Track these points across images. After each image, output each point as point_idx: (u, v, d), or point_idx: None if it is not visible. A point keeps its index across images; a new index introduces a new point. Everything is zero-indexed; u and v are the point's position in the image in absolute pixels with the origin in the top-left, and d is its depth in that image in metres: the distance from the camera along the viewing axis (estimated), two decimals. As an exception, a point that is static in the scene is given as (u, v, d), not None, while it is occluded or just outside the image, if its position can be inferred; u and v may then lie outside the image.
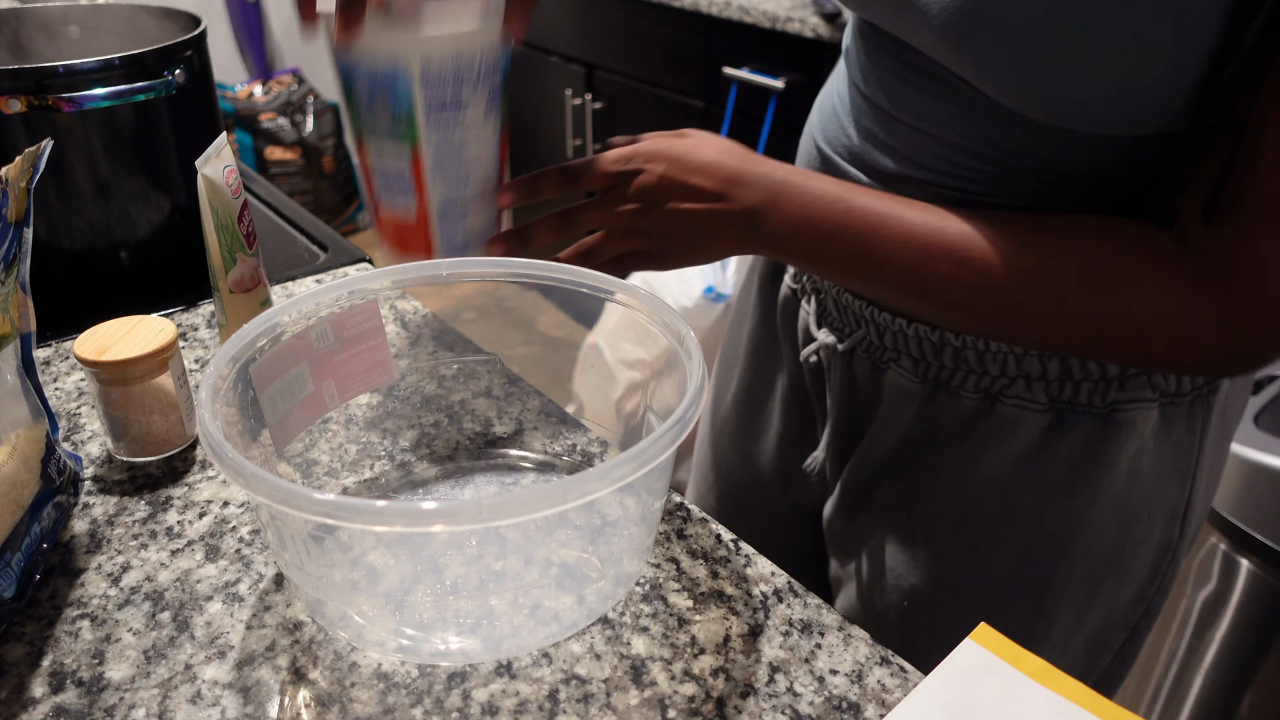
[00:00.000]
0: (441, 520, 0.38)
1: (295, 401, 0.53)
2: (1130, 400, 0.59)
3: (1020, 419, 0.60)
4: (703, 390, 0.44)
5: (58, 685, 0.44)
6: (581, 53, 2.28)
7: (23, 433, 0.49)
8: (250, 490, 0.39)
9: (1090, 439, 0.60)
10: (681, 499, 0.56)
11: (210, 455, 0.40)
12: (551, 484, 0.38)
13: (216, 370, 0.46)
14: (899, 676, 0.45)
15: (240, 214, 0.63)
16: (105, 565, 0.51)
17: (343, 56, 0.57)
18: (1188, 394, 0.60)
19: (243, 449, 0.46)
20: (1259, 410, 1.11)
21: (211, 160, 0.60)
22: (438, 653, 0.46)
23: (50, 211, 0.75)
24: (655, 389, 0.54)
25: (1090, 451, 0.60)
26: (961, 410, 0.62)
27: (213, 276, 0.63)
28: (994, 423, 0.61)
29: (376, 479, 0.58)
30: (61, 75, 0.70)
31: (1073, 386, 0.59)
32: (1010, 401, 0.60)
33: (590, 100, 2.26)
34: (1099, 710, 0.41)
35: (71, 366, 0.68)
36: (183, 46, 0.77)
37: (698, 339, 0.48)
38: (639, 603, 0.49)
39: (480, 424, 0.63)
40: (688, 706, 0.43)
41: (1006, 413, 0.60)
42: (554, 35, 2.33)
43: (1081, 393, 0.59)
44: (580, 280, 0.54)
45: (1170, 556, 0.66)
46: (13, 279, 0.48)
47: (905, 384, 0.64)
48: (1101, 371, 0.58)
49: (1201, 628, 1.13)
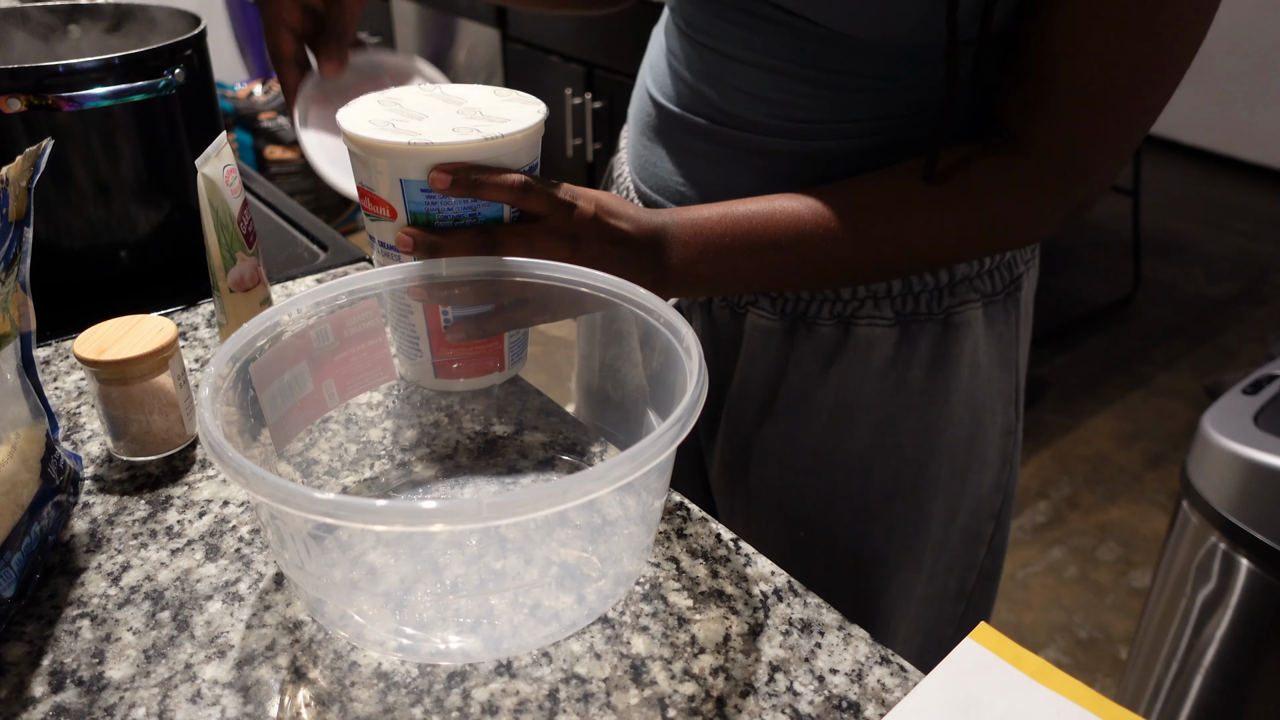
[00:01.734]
0: (441, 520, 0.38)
1: (295, 401, 0.53)
2: (961, 303, 0.68)
3: (873, 336, 0.68)
4: (703, 390, 0.44)
5: (58, 684, 0.44)
6: (581, 52, 2.27)
7: (23, 432, 0.49)
8: (250, 490, 0.39)
9: (936, 344, 0.68)
10: (681, 498, 0.56)
11: (210, 455, 0.40)
12: (551, 483, 0.38)
13: (216, 370, 0.46)
14: (899, 676, 0.45)
15: (240, 213, 0.63)
16: (105, 564, 0.51)
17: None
18: (1001, 292, 0.70)
19: (242, 448, 0.46)
20: (1258, 410, 1.11)
21: (211, 159, 0.60)
22: (438, 652, 0.46)
23: (50, 211, 0.75)
24: (654, 388, 0.54)
25: (938, 355, 0.69)
26: (820, 339, 0.69)
27: (213, 276, 0.63)
28: (851, 345, 0.69)
29: (376, 478, 0.58)
30: (61, 75, 0.70)
31: (913, 299, 0.67)
32: (863, 322, 0.68)
33: (590, 99, 2.26)
34: (1098, 709, 0.41)
35: (71, 366, 0.68)
36: (183, 46, 0.77)
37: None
38: (639, 602, 0.49)
39: (480, 424, 0.63)
40: (687, 706, 0.43)
41: (861, 333, 0.68)
42: (554, 35, 2.33)
43: (921, 303, 0.67)
44: (580, 280, 0.54)
45: (1013, 439, 0.76)
46: (13, 278, 0.48)
47: (765, 323, 0.70)
48: (935, 281, 0.67)
49: (1201, 627, 1.13)
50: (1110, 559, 1.89)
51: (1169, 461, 2.16)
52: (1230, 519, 1.07)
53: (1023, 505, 2.02)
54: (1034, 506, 2.02)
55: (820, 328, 0.69)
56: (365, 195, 0.57)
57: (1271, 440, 1.05)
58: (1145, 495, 2.06)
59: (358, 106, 0.58)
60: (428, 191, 0.55)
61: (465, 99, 0.60)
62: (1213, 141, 3.74)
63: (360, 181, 0.57)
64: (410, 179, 0.55)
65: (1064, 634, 1.71)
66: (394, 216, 0.56)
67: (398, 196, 0.55)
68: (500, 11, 2.49)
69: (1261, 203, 3.49)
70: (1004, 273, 0.70)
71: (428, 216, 0.56)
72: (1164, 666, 1.19)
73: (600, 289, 0.54)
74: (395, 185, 0.55)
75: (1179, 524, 1.15)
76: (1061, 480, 2.10)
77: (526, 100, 0.60)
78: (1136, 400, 2.38)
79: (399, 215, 0.56)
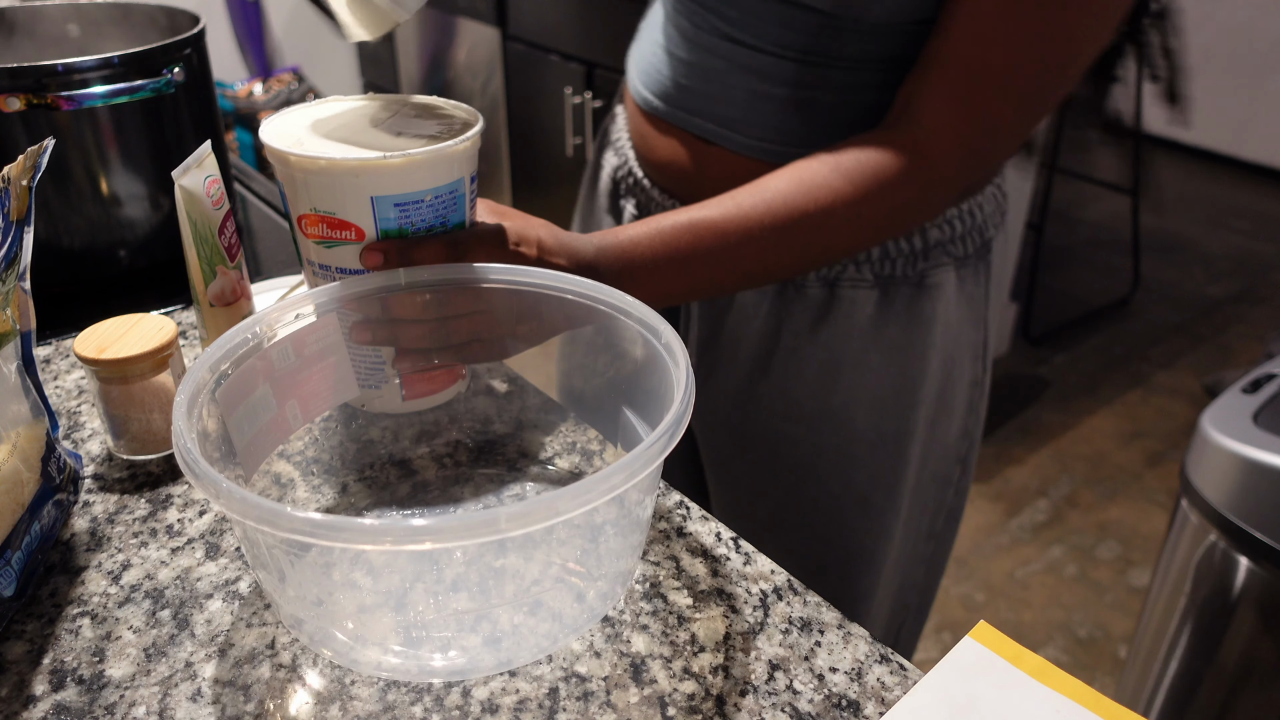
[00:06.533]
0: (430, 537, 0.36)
1: (261, 424, 0.51)
2: (934, 266, 0.74)
3: (856, 297, 0.74)
4: (690, 394, 0.44)
5: (58, 683, 0.44)
6: (581, 51, 2.27)
7: (23, 431, 0.49)
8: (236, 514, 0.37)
9: (912, 303, 0.75)
10: (682, 497, 0.56)
11: (195, 482, 0.40)
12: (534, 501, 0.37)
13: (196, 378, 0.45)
14: (898, 674, 0.45)
15: (222, 226, 0.60)
16: (105, 563, 0.51)
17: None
18: (971, 255, 0.76)
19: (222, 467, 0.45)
20: (1258, 409, 1.11)
21: (191, 170, 0.57)
22: (430, 670, 0.45)
23: (50, 210, 0.75)
24: (630, 386, 0.54)
25: (914, 313, 0.75)
26: (809, 299, 0.75)
27: (193, 289, 0.61)
28: (836, 305, 0.75)
29: (376, 477, 0.58)
30: (61, 73, 0.70)
31: (890, 263, 0.73)
32: (846, 284, 0.74)
33: (590, 98, 2.25)
34: (1098, 708, 0.42)
35: (71, 364, 0.68)
36: (182, 45, 0.77)
37: None
38: (638, 600, 0.49)
39: (480, 423, 0.63)
40: (687, 704, 0.43)
41: (844, 294, 0.74)
42: (554, 34, 2.33)
43: (898, 267, 0.73)
44: (562, 286, 0.54)
45: (980, 390, 0.83)
46: (13, 277, 0.48)
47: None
48: (910, 246, 0.73)
49: (1201, 626, 1.13)
50: (1110, 558, 1.89)
51: (1168, 460, 2.16)
52: (1229, 517, 1.07)
53: (1022, 504, 2.03)
54: (1034, 505, 2.02)
55: (808, 290, 0.75)
56: (320, 222, 0.54)
57: (1271, 439, 1.05)
58: (1145, 494, 2.06)
59: (283, 127, 0.56)
60: (402, 205, 0.53)
61: (362, 111, 0.59)
62: (1213, 141, 3.74)
63: (314, 208, 0.54)
64: (383, 194, 0.53)
65: (1063, 632, 1.71)
66: (361, 238, 0.54)
67: (367, 215, 0.53)
68: (500, 10, 2.48)
69: (1261, 202, 3.49)
70: (975, 236, 0.76)
71: (400, 231, 0.54)
72: (1163, 665, 1.19)
73: (583, 295, 0.53)
74: (365, 204, 0.53)
75: (1178, 523, 1.15)
76: (1061, 479, 2.10)
77: (407, 99, 0.60)
78: (1136, 399, 2.38)
79: (367, 235, 0.54)
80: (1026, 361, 2.53)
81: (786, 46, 0.67)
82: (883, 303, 0.74)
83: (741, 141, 0.71)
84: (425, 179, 0.53)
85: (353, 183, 0.52)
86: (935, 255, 0.74)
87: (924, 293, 0.74)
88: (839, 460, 0.79)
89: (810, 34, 0.66)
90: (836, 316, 0.75)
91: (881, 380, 0.76)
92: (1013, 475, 2.11)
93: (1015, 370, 2.47)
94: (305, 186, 0.54)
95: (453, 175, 0.55)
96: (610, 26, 2.16)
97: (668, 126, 0.76)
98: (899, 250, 0.73)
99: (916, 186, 0.63)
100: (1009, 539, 1.93)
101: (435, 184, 0.54)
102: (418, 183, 0.53)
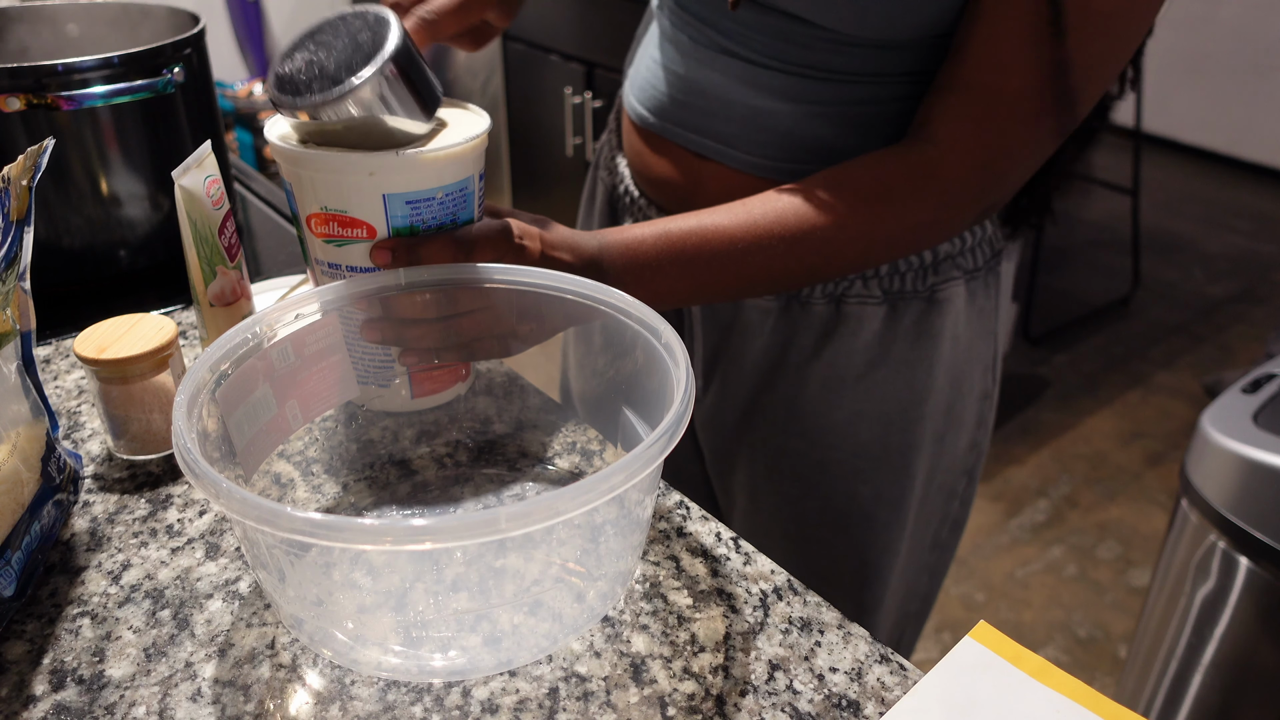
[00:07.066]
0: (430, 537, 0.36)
1: (261, 425, 0.51)
2: (944, 280, 0.73)
3: (863, 314, 0.73)
4: (690, 394, 0.44)
5: (58, 683, 0.44)
6: (581, 51, 2.27)
7: (23, 431, 0.49)
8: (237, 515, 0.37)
9: (920, 318, 0.73)
10: (681, 497, 0.56)
11: (195, 482, 0.40)
12: (534, 501, 0.37)
13: (196, 377, 0.45)
14: (898, 674, 0.45)
15: (222, 226, 0.60)
16: (105, 563, 0.51)
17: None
18: (982, 268, 0.75)
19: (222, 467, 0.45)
20: (1258, 409, 1.11)
21: (191, 170, 0.57)
22: (430, 670, 0.45)
23: (50, 210, 0.75)
24: (630, 387, 0.54)
25: (921, 329, 0.73)
26: (814, 316, 0.74)
27: (193, 290, 0.61)
28: (842, 321, 0.73)
29: (376, 477, 0.58)
30: (60, 73, 0.70)
31: (899, 278, 0.72)
32: (853, 300, 0.72)
33: (590, 98, 2.25)
34: (1098, 708, 0.42)
35: (71, 364, 0.68)
36: (182, 45, 0.77)
37: None
38: (638, 600, 0.49)
39: (480, 423, 0.63)
40: (687, 704, 0.43)
41: (851, 311, 0.73)
42: (554, 34, 2.33)
43: (907, 282, 0.72)
44: (562, 286, 0.54)
45: (990, 402, 0.81)
46: (13, 277, 0.48)
47: (762, 303, 0.75)
48: (920, 260, 0.71)
49: (1201, 626, 1.13)
50: (1109, 558, 1.89)
51: (1168, 460, 2.16)
52: (1229, 517, 1.07)
53: (1022, 504, 2.03)
54: (1034, 505, 2.02)
55: (814, 306, 0.73)
56: (329, 220, 0.54)
57: (1271, 439, 1.05)
58: (1144, 494, 2.06)
59: (287, 126, 0.55)
60: (413, 202, 0.53)
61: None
62: (1212, 141, 3.74)
63: (324, 206, 0.54)
64: (395, 192, 0.53)
65: (1063, 633, 1.71)
66: (372, 235, 0.54)
67: (379, 213, 0.53)
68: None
69: (1261, 202, 3.49)
70: (985, 249, 0.74)
71: (411, 229, 0.54)
72: (1163, 665, 1.19)
73: (582, 295, 0.53)
74: (377, 202, 0.53)
75: (1178, 523, 1.15)
76: (1061, 479, 2.10)
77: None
78: (1136, 399, 2.38)
79: (379, 232, 0.54)
80: (1026, 361, 2.53)
81: (785, 61, 0.67)
82: (890, 319, 0.73)
83: (739, 157, 0.71)
84: (437, 176, 0.54)
85: (365, 181, 0.52)
86: (945, 269, 0.72)
87: (933, 308, 0.73)
88: (843, 475, 0.78)
89: (809, 48, 0.65)
90: (842, 334, 0.74)
91: (887, 396, 0.75)
92: (1013, 475, 2.11)
93: (1015, 370, 2.47)
94: (314, 185, 0.54)
95: (463, 173, 0.55)
96: (610, 26, 2.16)
97: (664, 143, 0.75)
98: (908, 264, 0.71)
99: (931, 207, 0.63)
100: (1009, 539, 1.93)
101: (446, 181, 0.54)
102: (430, 180, 0.54)
